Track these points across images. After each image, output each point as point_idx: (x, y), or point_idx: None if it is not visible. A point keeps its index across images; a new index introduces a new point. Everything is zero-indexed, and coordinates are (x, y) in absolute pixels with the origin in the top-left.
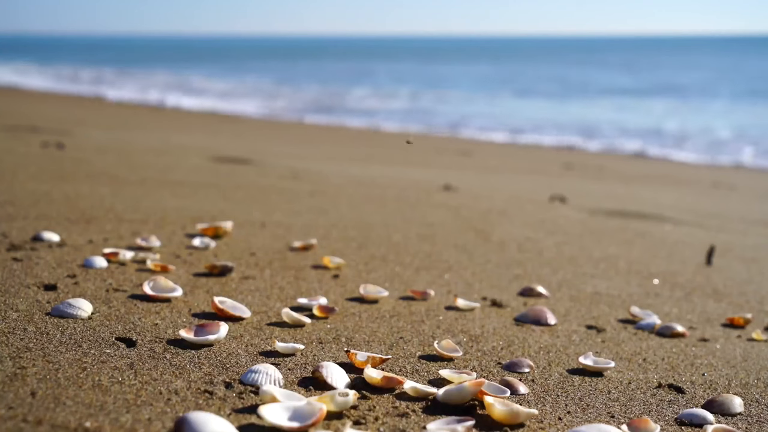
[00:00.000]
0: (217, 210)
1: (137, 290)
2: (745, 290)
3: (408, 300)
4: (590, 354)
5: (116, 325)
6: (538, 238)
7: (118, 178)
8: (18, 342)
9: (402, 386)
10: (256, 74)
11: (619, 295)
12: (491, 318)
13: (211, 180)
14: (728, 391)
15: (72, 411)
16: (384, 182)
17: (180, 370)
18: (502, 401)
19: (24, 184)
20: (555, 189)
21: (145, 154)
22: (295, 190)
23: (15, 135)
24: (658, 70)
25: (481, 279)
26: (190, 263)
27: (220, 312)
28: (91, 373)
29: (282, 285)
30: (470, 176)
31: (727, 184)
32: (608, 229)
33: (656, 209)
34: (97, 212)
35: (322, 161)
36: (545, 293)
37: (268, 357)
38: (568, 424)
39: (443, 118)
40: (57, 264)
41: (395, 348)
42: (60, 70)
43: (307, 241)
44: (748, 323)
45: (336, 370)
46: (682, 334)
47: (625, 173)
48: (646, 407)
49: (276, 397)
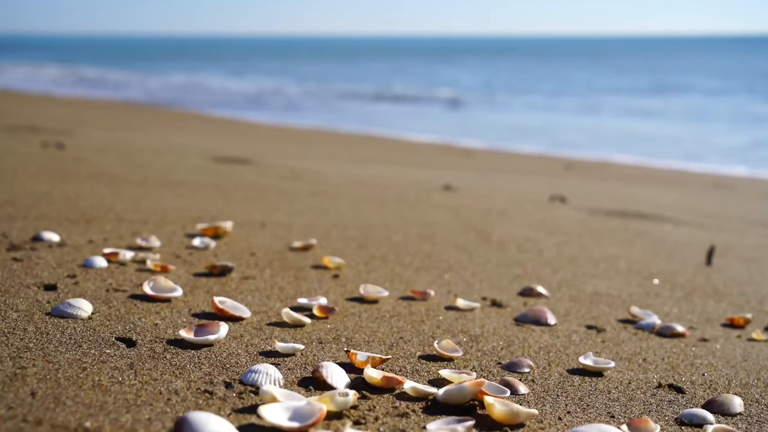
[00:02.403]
0: (217, 210)
1: (137, 290)
2: (745, 290)
3: (408, 300)
4: (590, 354)
5: (116, 325)
6: (538, 238)
7: (118, 178)
8: (18, 342)
9: (402, 386)
10: (284, 76)
11: (619, 295)
12: (491, 318)
13: (211, 180)
14: (728, 391)
15: (72, 411)
16: (384, 182)
17: (180, 370)
18: (502, 401)
19: (24, 184)
20: (555, 189)
21: (145, 154)
22: (295, 190)
23: (15, 135)
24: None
25: (481, 279)
26: (190, 263)
27: (220, 312)
28: (91, 373)
29: (282, 285)
30: (470, 176)
31: (727, 185)
32: (608, 229)
33: (656, 209)
34: (97, 212)
35: (322, 161)
36: (545, 293)
37: (268, 357)
38: (568, 424)
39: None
40: (57, 264)
41: (395, 348)
42: (86, 73)
43: (307, 241)
44: (748, 323)
45: (336, 370)
46: (682, 334)
47: (625, 173)
48: (646, 407)
49: (276, 397)
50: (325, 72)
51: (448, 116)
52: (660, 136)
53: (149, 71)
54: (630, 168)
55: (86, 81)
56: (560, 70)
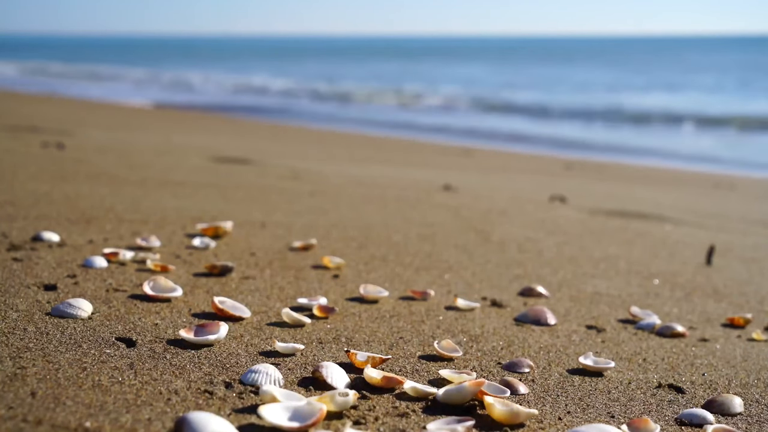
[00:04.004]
0: (217, 210)
1: (137, 290)
2: (745, 290)
3: (408, 300)
4: (590, 354)
5: (116, 325)
6: (538, 238)
7: (118, 178)
8: (18, 342)
9: (402, 386)
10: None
11: (619, 295)
12: (491, 318)
13: (211, 180)
14: (728, 391)
15: (72, 411)
16: (384, 182)
17: (180, 370)
18: (502, 401)
19: (24, 184)
20: (555, 189)
21: (145, 154)
22: (295, 190)
23: (15, 135)
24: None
25: (481, 279)
26: (190, 263)
27: (220, 312)
28: (91, 373)
29: (282, 285)
30: (470, 176)
31: (728, 184)
32: (608, 229)
33: (656, 209)
34: (97, 212)
35: (322, 161)
36: (545, 293)
37: (268, 357)
38: (568, 424)
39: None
40: (57, 264)
41: (395, 348)
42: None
43: (307, 241)
44: (748, 323)
45: (336, 370)
46: (682, 334)
47: (625, 173)
48: (646, 407)
49: (276, 397)
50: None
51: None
52: (660, 136)
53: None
54: (630, 168)
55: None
56: (561, 70)
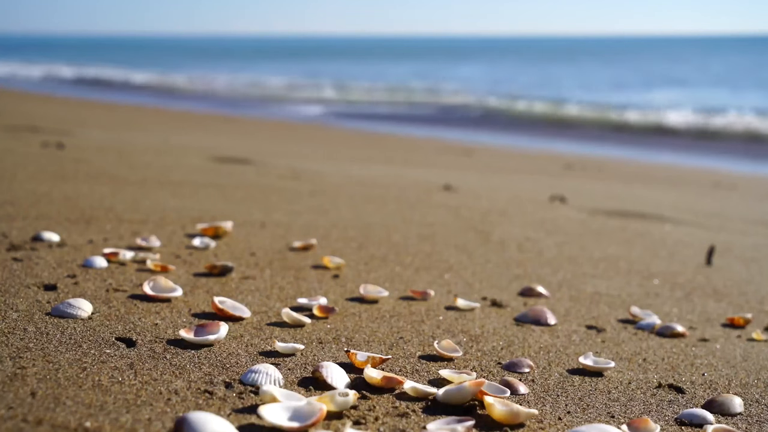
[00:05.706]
0: (217, 210)
1: (137, 290)
2: (745, 290)
3: (408, 300)
4: (590, 354)
5: (116, 325)
6: (538, 238)
7: (118, 178)
8: (18, 342)
9: (402, 386)
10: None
11: (619, 295)
12: (491, 318)
13: (211, 180)
14: (728, 391)
15: (72, 411)
16: (384, 182)
17: (180, 370)
18: (502, 401)
19: (24, 184)
20: (555, 189)
21: (145, 154)
22: (295, 190)
23: (15, 135)
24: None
25: (481, 279)
26: (190, 263)
27: (220, 312)
28: (91, 373)
29: (282, 285)
30: (470, 176)
31: (728, 184)
32: (608, 229)
33: (656, 209)
34: (97, 212)
35: (322, 161)
36: (545, 293)
37: (268, 357)
38: (568, 424)
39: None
40: (57, 264)
41: (395, 348)
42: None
43: (307, 241)
44: (748, 323)
45: (336, 370)
46: (682, 334)
47: (625, 173)
48: (646, 407)
49: (276, 397)
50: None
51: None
52: (660, 136)
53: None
54: (630, 168)
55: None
56: (561, 70)
